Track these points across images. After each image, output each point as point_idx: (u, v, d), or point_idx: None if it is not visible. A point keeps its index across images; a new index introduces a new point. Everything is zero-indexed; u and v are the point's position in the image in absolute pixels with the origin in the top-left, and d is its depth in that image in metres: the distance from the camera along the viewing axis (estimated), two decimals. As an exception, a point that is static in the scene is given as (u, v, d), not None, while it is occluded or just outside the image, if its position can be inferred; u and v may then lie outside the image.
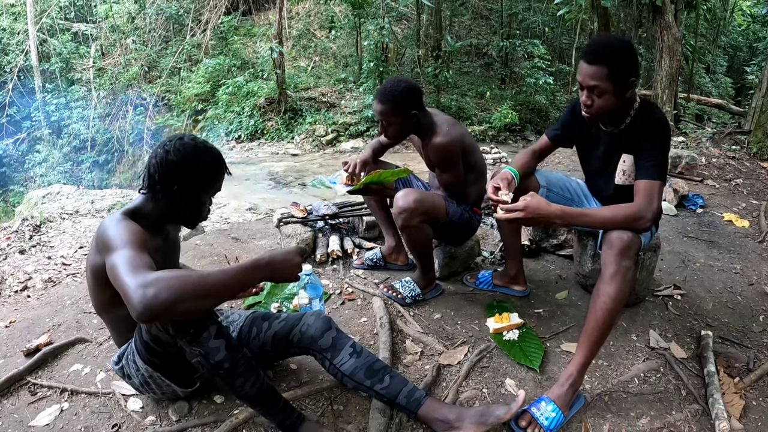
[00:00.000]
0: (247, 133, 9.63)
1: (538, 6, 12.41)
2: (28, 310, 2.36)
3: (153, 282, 1.05)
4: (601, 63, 1.53)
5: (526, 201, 1.56)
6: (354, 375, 1.45)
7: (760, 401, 1.65)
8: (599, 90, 1.56)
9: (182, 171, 1.37)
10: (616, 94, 1.57)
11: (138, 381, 1.44)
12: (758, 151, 4.92)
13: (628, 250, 1.52)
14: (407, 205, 1.92)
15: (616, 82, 1.54)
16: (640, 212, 1.54)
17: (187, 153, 1.36)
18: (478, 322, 2.02)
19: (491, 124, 9.71)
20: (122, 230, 1.25)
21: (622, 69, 1.54)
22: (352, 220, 2.87)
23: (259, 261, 1.21)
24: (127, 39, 12.09)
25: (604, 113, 1.63)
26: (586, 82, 1.57)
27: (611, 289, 1.48)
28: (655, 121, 1.64)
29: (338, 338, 1.50)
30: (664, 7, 6.42)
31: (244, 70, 11.03)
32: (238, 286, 1.17)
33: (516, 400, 1.42)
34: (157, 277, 1.07)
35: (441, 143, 1.94)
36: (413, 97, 1.96)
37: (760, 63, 9.27)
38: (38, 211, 4.58)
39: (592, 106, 1.60)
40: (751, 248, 2.86)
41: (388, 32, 9.41)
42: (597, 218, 1.60)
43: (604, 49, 1.55)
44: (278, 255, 1.23)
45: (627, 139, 1.72)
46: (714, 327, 2.03)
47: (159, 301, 1.03)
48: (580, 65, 1.60)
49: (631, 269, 1.52)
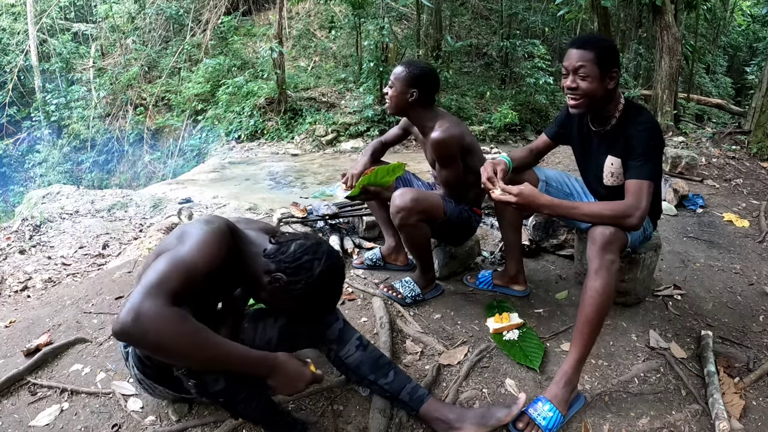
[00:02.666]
0: (247, 133, 9.62)
1: (538, 6, 12.39)
2: (28, 310, 2.35)
3: (148, 311, 0.96)
4: (588, 47, 1.62)
5: (520, 188, 1.62)
6: (359, 369, 1.45)
7: (760, 401, 1.65)
8: (584, 71, 1.62)
9: (306, 294, 1.26)
10: (601, 81, 1.63)
11: (135, 376, 1.45)
12: (758, 151, 4.92)
13: (610, 245, 1.55)
14: (404, 204, 1.92)
15: (601, 67, 1.61)
16: (627, 210, 1.57)
17: (323, 283, 1.26)
18: (478, 322, 2.02)
19: (491, 124, 9.69)
20: (204, 235, 1.14)
21: (607, 56, 1.63)
22: (352, 220, 2.87)
23: (266, 360, 1.16)
24: (127, 39, 12.07)
25: (590, 100, 1.67)
26: (572, 65, 1.64)
27: (596, 283, 1.51)
28: (641, 122, 1.67)
29: (345, 330, 1.49)
30: (664, 7, 6.41)
31: (244, 70, 11.01)
32: (237, 370, 1.13)
33: (517, 402, 1.42)
34: (161, 311, 0.97)
35: (438, 138, 1.95)
36: (425, 78, 2.02)
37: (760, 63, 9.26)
38: (38, 211, 4.58)
39: (578, 89, 1.64)
40: (751, 248, 2.86)
41: (388, 32, 9.40)
42: (585, 212, 1.63)
43: (590, 38, 1.68)
44: (290, 366, 1.19)
45: (614, 141, 1.75)
46: (714, 327, 2.03)
47: (133, 333, 0.95)
48: (568, 53, 1.67)
49: (616, 262, 1.55)
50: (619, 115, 1.72)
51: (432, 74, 2.06)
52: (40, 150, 10.61)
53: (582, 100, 1.67)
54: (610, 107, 1.72)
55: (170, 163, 10.29)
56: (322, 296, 1.31)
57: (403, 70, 2.02)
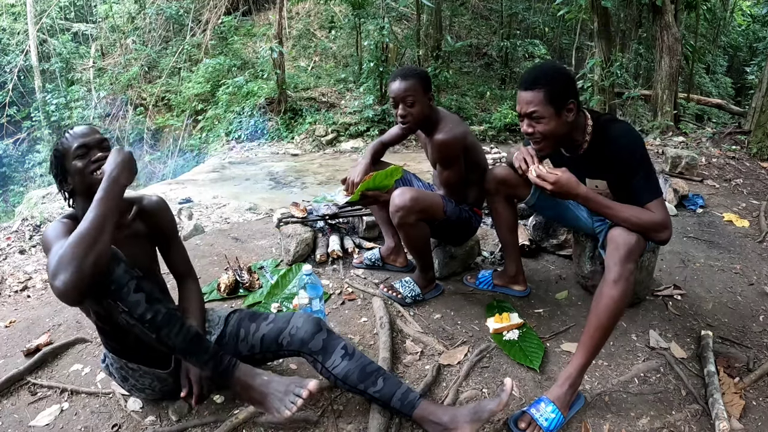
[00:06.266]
0: (247, 133, 9.63)
1: (539, 6, 12.40)
2: (28, 310, 2.36)
3: (56, 267, 1.14)
4: (536, 87, 1.54)
5: (558, 176, 1.57)
6: (347, 379, 1.45)
7: (760, 401, 1.64)
8: (538, 114, 1.56)
9: (52, 170, 1.44)
10: (557, 118, 1.57)
11: (119, 378, 1.47)
12: (758, 151, 4.92)
13: (632, 254, 1.52)
14: (403, 203, 1.92)
15: (555, 104, 1.55)
16: (664, 221, 1.55)
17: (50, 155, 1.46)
18: (478, 322, 2.02)
19: (491, 124, 9.71)
20: (53, 231, 1.32)
21: (559, 91, 1.55)
22: (352, 220, 2.87)
23: (107, 180, 1.29)
24: (127, 39, 12.08)
25: (550, 141, 1.61)
26: (524, 110, 1.58)
27: (615, 292, 1.47)
28: (616, 138, 1.61)
29: (329, 340, 1.49)
30: (664, 7, 6.41)
31: (244, 70, 11.02)
32: (108, 207, 1.25)
33: (504, 389, 1.41)
34: (59, 257, 1.15)
35: (442, 140, 1.95)
36: (429, 79, 2.03)
37: (760, 63, 9.26)
38: (38, 211, 4.58)
39: (534, 133, 1.59)
40: (751, 248, 2.86)
41: (388, 32, 9.40)
42: (620, 215, 1.58)
43: (538, 73, 1.58)
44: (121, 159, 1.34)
45: (591, 164, 1.70)
46: (714, 327, 2.03)
47: (69, 283, 1.13)
48: (518, 96, 1.60)
49: (634, 272, 1.52)
50: (590, 138, 1.66)
51: (426, 71, 2.06)
52: (40, 150, 10.60)
53: (543, 143, 1.61)
54: (576, 135, 1.66)
55: (170, 163, 10.30)
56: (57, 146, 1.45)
57: (414, 81, 1.95)
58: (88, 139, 1.43)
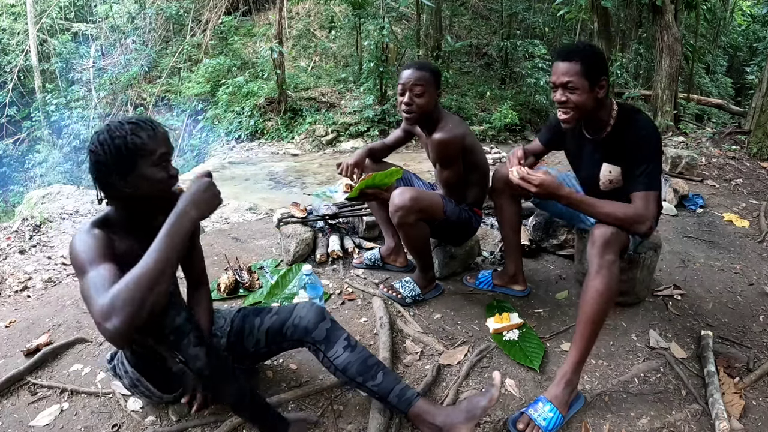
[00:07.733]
0: (247, 133, 9.62)
1: (539, 6, 12.40)
2: (28, 310, 2.35)
3: (109, 308, 1.04)
4: (573, 59, 1.60)
5: (542, 179, 1.63)
6: (347, 370, 1.44)
7: (760, 401, 1.64)
8: (573, 85, 1.61)
9: (107, 163, 1.24)
10: (590, 92, 1.62)
11: (128, 382, 1.46)
12: (758, 151, 4.92)
13: (609, 245, 1.55)
14: (403, 203, 1.92)
15: (590, 78, 1.61)
16: (640, 217, 1.59)
17: (104, 142, 1.24)
18: (478, 322, 2.02)
19: (491, 124, 9.70)
20: (85, 246, 1.20)
21: (594, 66, 1.61)
22: (352, 220, 2.87)
23: (180, 207, 1.16)
24: (127, 39, 12.07)
25: (581, 113, 1.66)
26: (560, 80, 1.63)
27: (597, 282, 1.51)
28: (639, 128, 1.66)
29: (332, 330, 1.49)
30: (664, 7, 6.41)
31: (244, 70, 11.01)
32: (173, 247, 1.12)
33: (493, 383, 1.41)
34: (112, 297, 1.05)
35: (441, 139, 1.95)
36: (440, 75, 2.05)
37: (760, 63, 9.26)
38: (38, 211, 4.58)
39: (567, 102, 1.64)
40: (751, 248, 2.86)
41: (388, 32, 9.39)
42: (598, 210, 1.63)
43: (575, 48, 1.65)
44: (195, 191, 1.19)
45: (610, 149, 1.74)
46: (714, 327, 2.03)
47: (122, 329, 1.04)
48: (554, 66, 1.66)
49: (616, 262, 1.55)
50: (614, 123, 1.71)
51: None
52: (40, 150, 10.60)
53: (572, 113, 1.66)
54: (602, 115, 1.71)
55: (170, 163, 10.27)
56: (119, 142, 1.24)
57: (426, 72, 1.97)
58: (169, 147, 1.30)
